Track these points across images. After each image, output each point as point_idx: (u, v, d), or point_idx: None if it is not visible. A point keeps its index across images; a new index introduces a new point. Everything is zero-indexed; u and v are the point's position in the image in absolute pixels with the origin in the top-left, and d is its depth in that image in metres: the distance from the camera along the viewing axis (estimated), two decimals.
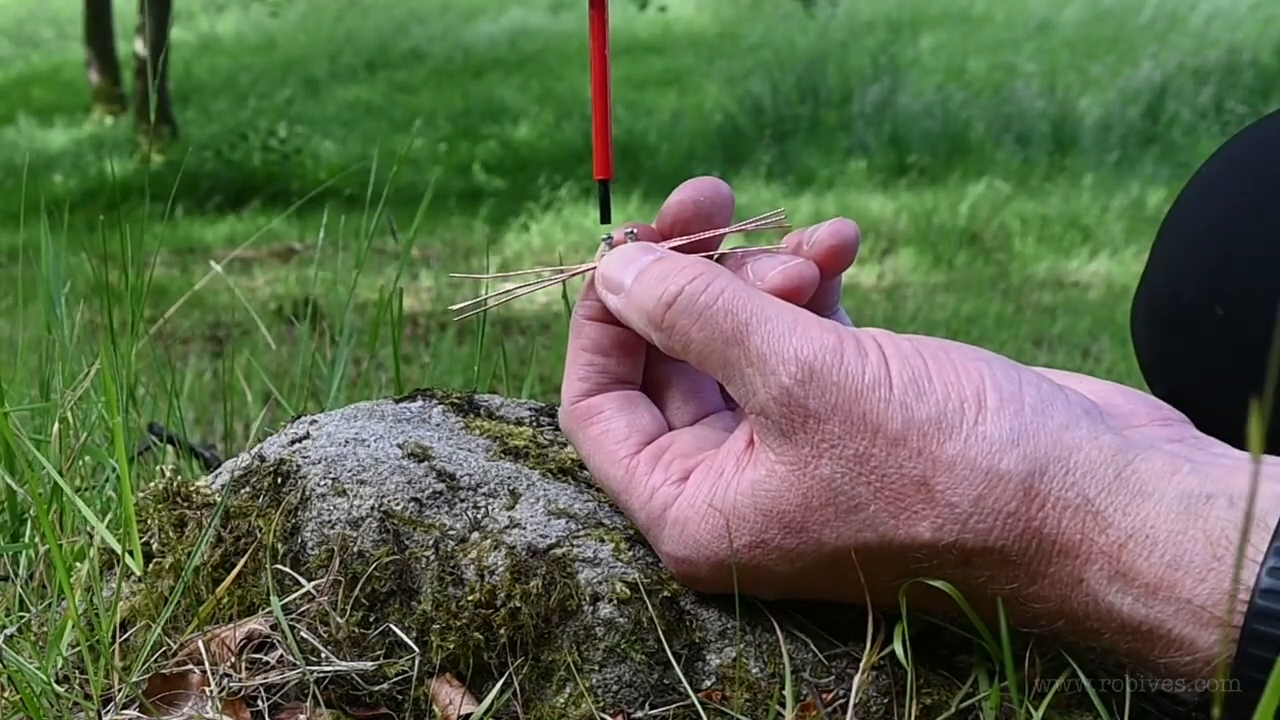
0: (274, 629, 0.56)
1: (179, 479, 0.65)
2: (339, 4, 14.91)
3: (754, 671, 0.55)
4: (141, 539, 0.62)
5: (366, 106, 11.33)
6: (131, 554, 0.61)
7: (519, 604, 0.55)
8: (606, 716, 0.54)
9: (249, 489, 0.62)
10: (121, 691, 0.55)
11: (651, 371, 0.62)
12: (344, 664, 0.55)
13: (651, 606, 0.56)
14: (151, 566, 0.62)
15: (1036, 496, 0.47)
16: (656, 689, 0.55)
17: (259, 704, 0.55)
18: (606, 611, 0.56)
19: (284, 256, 5.91)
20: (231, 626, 0.57)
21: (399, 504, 0.59)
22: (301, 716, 0.54)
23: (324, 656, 0.55)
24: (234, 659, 0.56)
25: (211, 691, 0.55)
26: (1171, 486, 0.46)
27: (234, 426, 1.26)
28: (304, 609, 0.57)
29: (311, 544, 0.58)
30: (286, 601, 0.57)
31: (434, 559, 0.57)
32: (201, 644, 0.56)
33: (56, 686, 0.55)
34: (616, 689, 0.55)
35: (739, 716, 0.54)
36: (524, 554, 0.57)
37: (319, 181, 7.82)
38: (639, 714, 0.55)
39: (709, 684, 0.55)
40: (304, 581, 0.57)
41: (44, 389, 0.98)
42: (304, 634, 0.56)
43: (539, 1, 14.38)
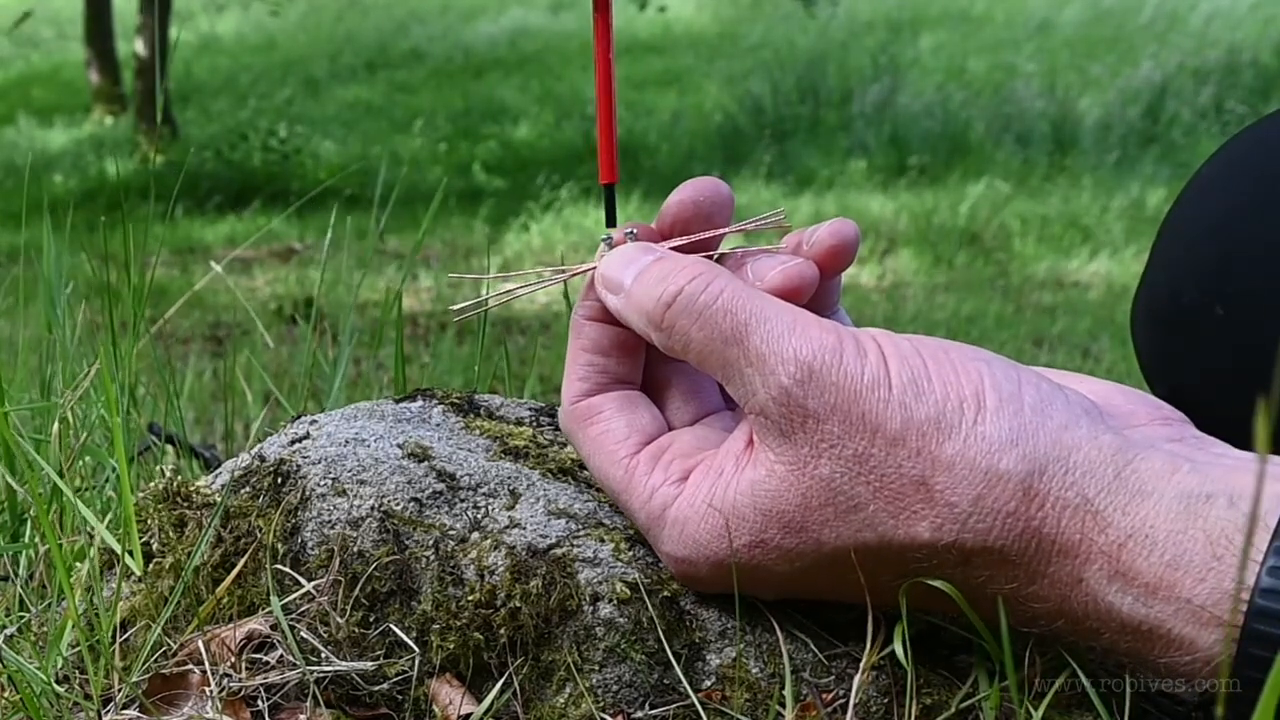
0: (274, 629, 0.56)
1: (179, 479, 0.65)
2: (339, 4, 14.91)
3: (754, 671, 0.55)
4: (141, 539, 0.62)
5: (366, 106, 11.33)
6: (131, 554, 0.61)
7: (519, 604, 0.55)
8: (606, 716, 0.54)
9: (249, 489, 0.62)
10: (121, 691, 0.55)
11: (651, 371, 0.62)
12: (344, 664, 0.55)
13: (651, 606, 0.56)
14: (151, 566, 0.62)
15: (1036, 496, 0.47)
16: (656, 689, 0.55)
17: (259, 704, 0.55)
18: (606, 611, 0.56)
19: (284, 256, 5.91)
20: (231, 626, 0.57)
21: (399, 504, 0.59)
22: (301, 716, 0.54)
23: (324, 656, 0.55)
24: (234, 659, 0.56)
25: (211, 691, 0.55)
26: (1171, 486, 0.46)
27: (234, 426, 1.26)
28: (304, 609, 0.57)
29: (311, 544, 0.58)
30: (286, 601, 0.57)
31: (434, 559, 0.57)
32: (201, 644, 0.56)
33: (56, 686, 0.55)
34: (616, 689, 0.55)
35: (739, 716, 0.54)
36: (524, 554, 0.57)
37: (319, 181, 7.82)
38: (639, 714, 0.55)
39: (709, 684, 0.55)
40: (304, 581, 0.57)
41: (44, 389, 0.98)
42: (304, 634, 0.56)
43: (539, 1, 14.37)
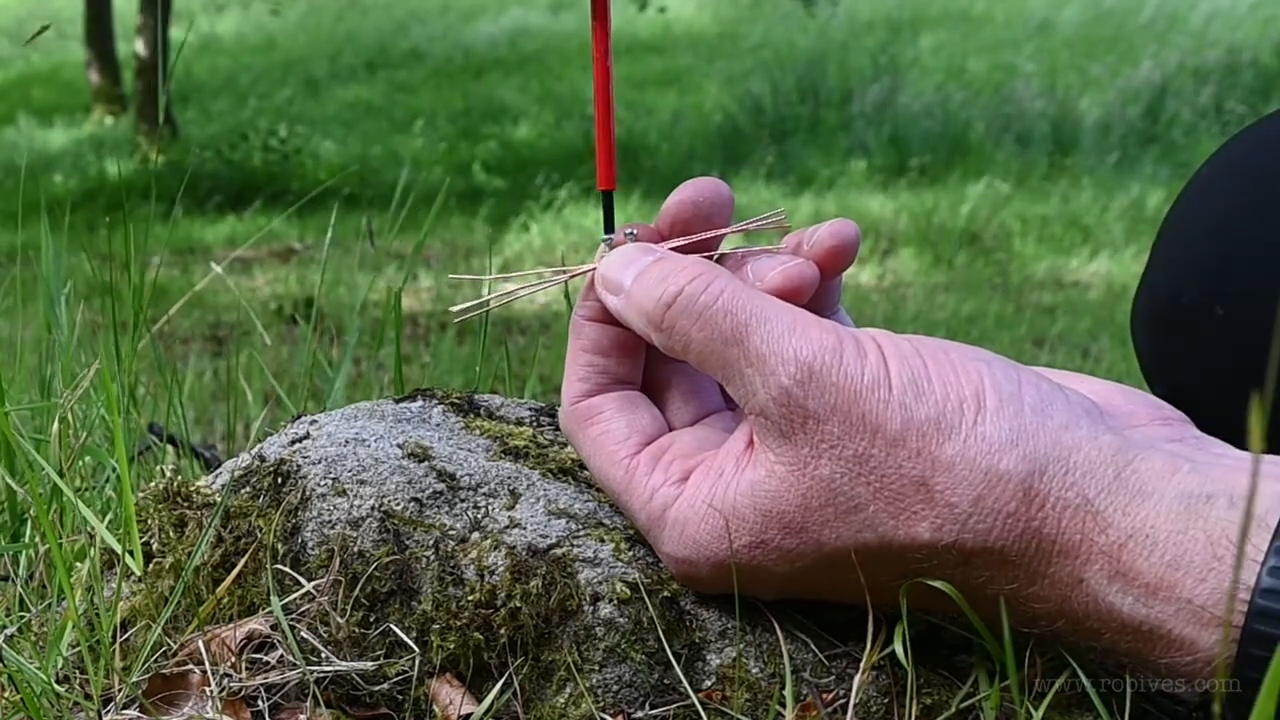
0: (274, 629, 0.56)
1: (179, 479, 0.65)
2: (339, 4, 14.91)
3: (754, 671, 0.55)
4: (141, 539, 0.62)
5: (366, 106, 11.33)
6: (131, 554, 0.61)
7: (519, 604, 0.55)
8: (606, 716, 0.54)
9: (249, 489, 0.62)
10: (121, 691, 0.55)
11: (651, 372, 0.62)
12: (344, 664, 0.55)
13: (651, 606, 0.56)
14: (151, 566, 0.62)
15: (1036, 497, 0.47)
16: (656, 689, 0.55)
17: (259, 704, 0.55)
18: (606, 611, 0.56)
19: (284, 256, 5.90)
20: (231, 626, 0.57)
21: (399, 504, 0.59)
22: (301, 716, 0.54)
23: (324, 656, 0.55)
24: (234, 659, 0.56)
25: (211, 691, 0.55)
26: (1171, 486, 0.46)
27: (234, 426, 1.26)
28: (304, 609, 0.57)
29: (311, 544, 0.58)
30: (286, 601, 0.57)
31: (434, 559, 0.57)
32: (201, 644, 0.56)
33: (56, 686, 0.55)
34: (616, 689, 0.55)
35: (739, 716, 0.54)
36: (524, 554, 0.57)
37: (319, 181, 7.82)
38: (639, 714, 0.55)
39: (709, 684, 0.55)
40: (304, 581, 0.57)
41: (44, 389, 0.98)
42: (304, 634, 0.56)
43: (539, 1, 14.37)
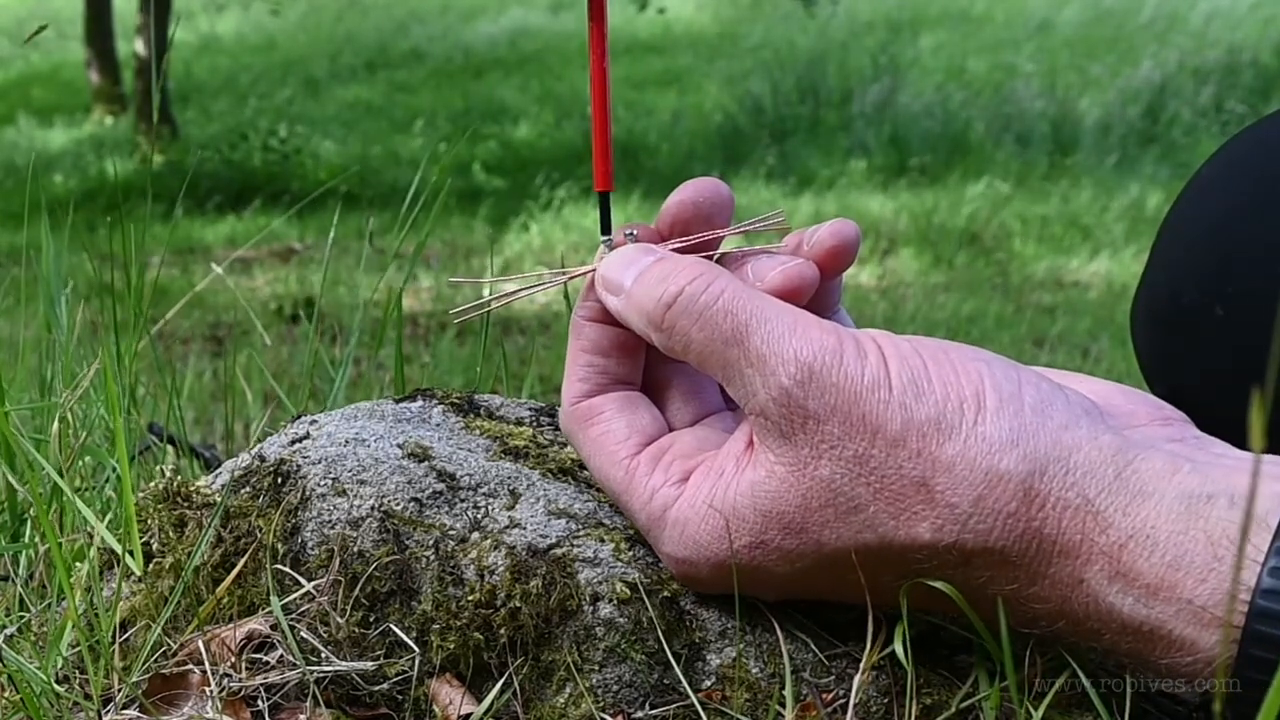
0: (274, 629, 0.56)
1: (179, 479, 0.65)
2: (339, 4, 14.91)
3: (754, 671, 0.55)
4: (141, 539, 0.62)
5: (366, 106, 11.32)
6: (131, 554, 0.61)
7: (519, 604, 0.55)
8: (606, 716, 0.54)
9: (249, 489, 0.62)
10: (121, 691, 0.55)
11: (651, 372, 0.62)
12: (344, 664, 0.55)
13: (651, 606, 0.56)
14: (151, 566, 0.62)
15: (1036, 497, 0.47)
16: (656, 689, 0.55)
17: (259, 704, 0.55)
18: (606, 611, 0.56)
19: (284, 256, 5.90)
20: (231, 626, 0.57)
21: (399, 504, 0.59)
22: (301, 716, 0.54)
23: (324, 656, 0.55)
24: (234, 659, 0.56)
25: (211, 691, 0.55)
26: (1172, 486, 0.46)
27: (234, 426, 1.26)
28: (304, 609, 0.57)
29: (311, 544, 0.58)
30: (286, 601, 0.57)
31: (434, 559, 0.57)
32: (201, 644, 0.56)
33: (56, 686, 0.55)
34: (616, 689, 0.55)
35: (739, 716, 0.54)
36: (524, 554, 0.57)
37: (319, 181, 7.82)
38: (639, 714, 0.55)
39: (709, 684, 0.55)
40: (304, 581, 0.57)
41: (44, 389, 0.98)
42: (304, 634, 0.56)
43: (539, 1, 14.37)
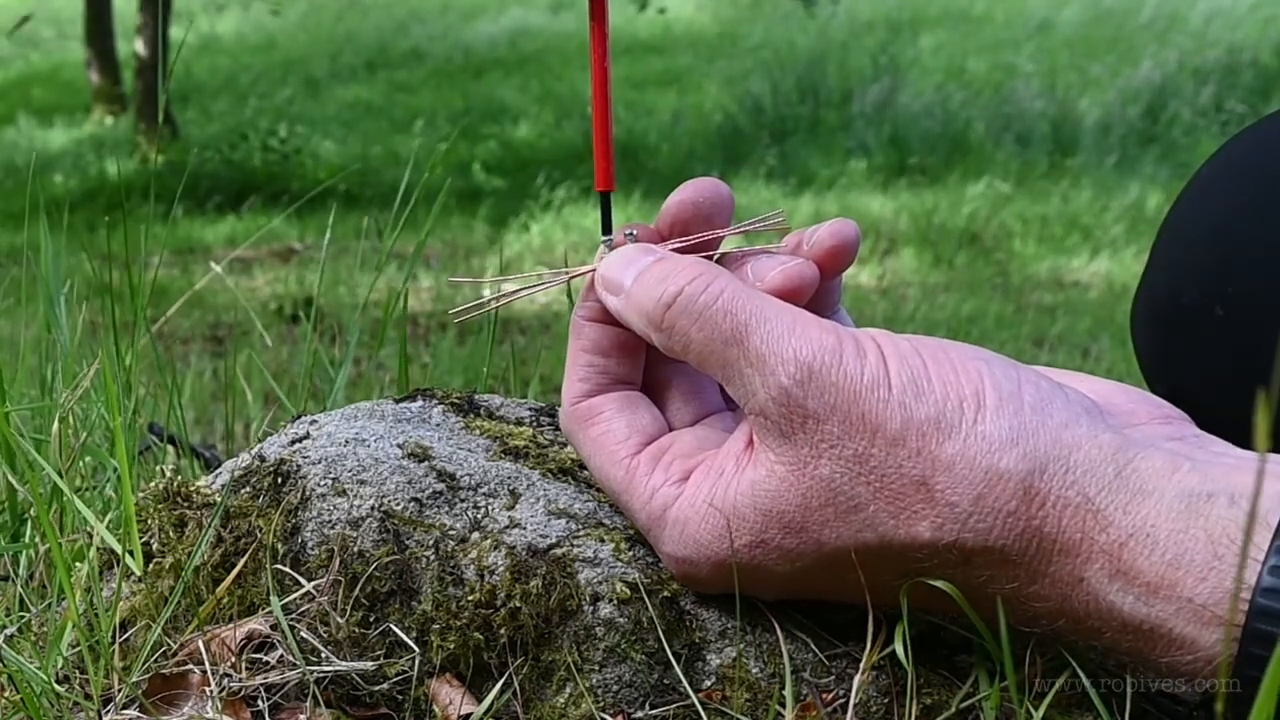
0: (274, 629, 0.56)
1: (179, 479, 0.65)
2: (339, 4, 14.90)
3: (754, 671, 0.55)
4: (141, 539, 0.62)
5: (366, 106, 11.32)
6: (131, 554, 0.61)
7: (519, 604, 0.55)
8: (606, 716, 0.54)
9: (249, 489, 0.62)
10: (121, 691, 0.55)
11: (652, 372, 0.62)
12: (344, 664, 0.55)
13: (651, 606, 0.56)
14: (151, 566, 0.62)
15: (1036, 495, 0.47)
16: (656, 689, 0.55)
17: (259, 704, 0.55)
18: (606, 611, 0.56)
19: (284, 256, 5.90)
20: (231, 626, 0.57)
21: (399, 504, 0.59)
22: (301, 716, 0.54)
23: (324, 656, 0.55)
24: (234, 659, 0.56)
25: (211, 691, 0.55)
26: (1172, 485, 0.46)
27: (234, 426, 1.26)
28: (304, 609, 0.57)
29: (311, 544, 0.58)
30: (286, 601, 0.57)
31: (434, 559, 0.57)
32: (201, 644, 0.56)
33: (56, 686, 0.55)
34: (616, 689, 0.55)
35: (739, 716, 0.54)
36: (524, 554, 0.57)
37: (319, 182, 7.81)
38: (639, 714, 0.55)
39: (709, 684, 0.55)
40: (304, 581, 0.57)
41: (44, 389, 0.98)
42: (304, 634, 0.56)
43: (539, 1, 14.37)
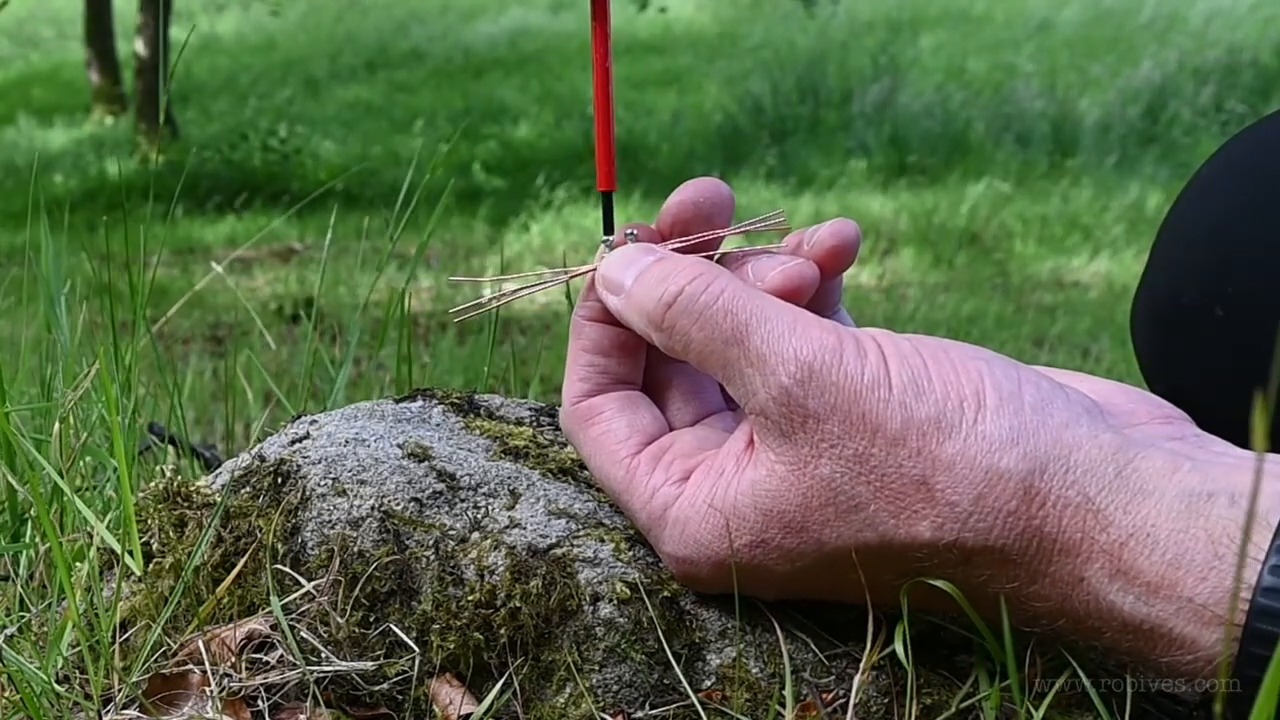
0: (274, 629, 0.56)
1: (179, 479, 0.65)
2: (339, 4, 14.91)
3: (754, 671, 0.55)
4: (141, 539, 0.62)
5: (366, 106, 11.32)
6: (131, 554, 0.61)
7: (519, 604, 0.55)
8: (606, 716, 0.54)
9: (249, 489, 0.62)
10: (121, 691, 0.55)
11: (652, 372, 0.62)
12: (344, 664, 0.55)
13: (651, 606, 0.56)
14: (151, 566, 0.62)
15: (1037, 495, 0.47)
16: (656, 689, 0.55)
17: (259, 704, 0.55)
18: (606, 611, 0.56)
19: (284, 256, 5.90)
20: (231, 626, 0.57)
21: (399, 504, 0.59)
22: (301, 716, 0.54)
23: (324, 656, 0.55)
24: (234, 659, 0.56)
25: (211, 691, 0.55)
26: (1172, 485, 0.46)
27: (234, 426, 1.26)
28: (304, 609, 0.57)
29: (311, 544, 0.58)
30: (286, 601, 0.57)
31: (434, 559, 0.57)
32: (201, 644, 0.56)
33: (56, 686, 0.55)
34: (616, 689, 0.55)
35: (739, 716, 0.54)
36: (524, 554, 0.57)
37: (319, 181, 7.82)
38: (639, 714, 0.55)
39: (709, 684, 0.55)
40: (304, 581, 0.57)
41: (44, 389, 0.98)
42: (304, 634, 0.56)
43: (539, 1, 14.37)
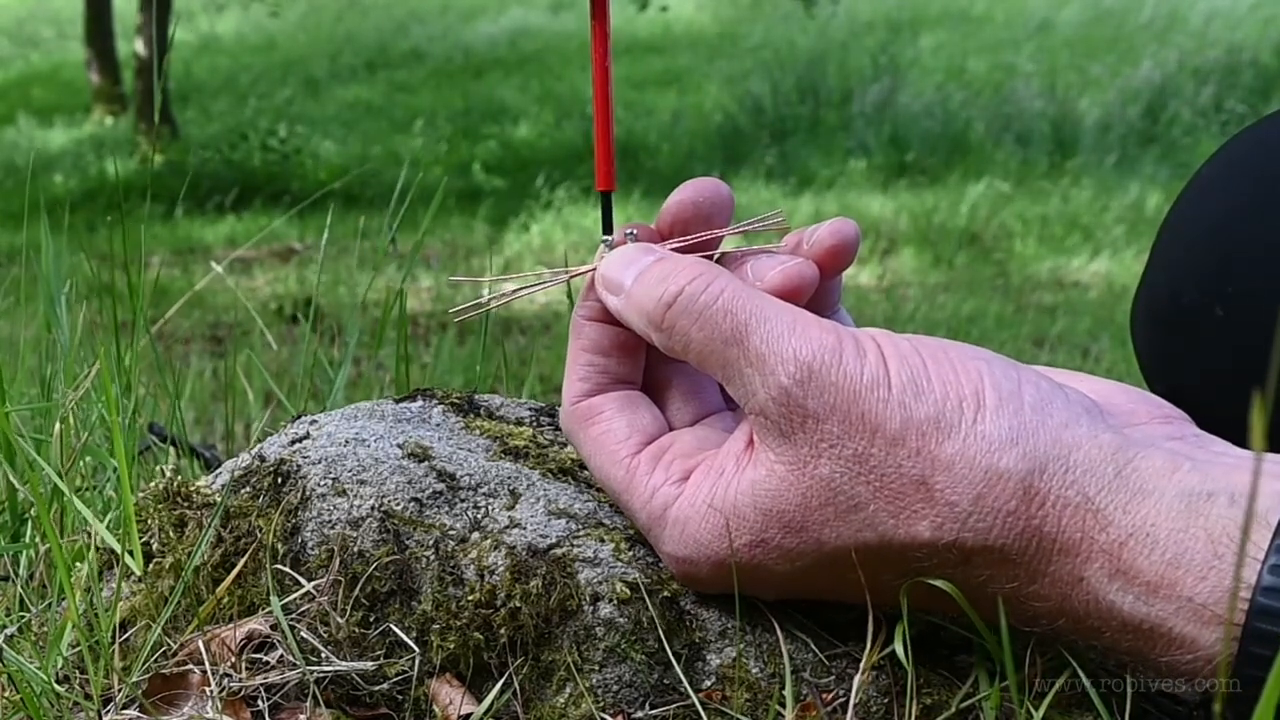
0: (274, 629, 0.56)
1: (179, 479, 0.65)
2: (339, 4, 14.91)
3: (754, 671, 0.55)
4: (141, 539, 0.62)
5: (366, 106, 11.32)
6: (131, 554, 0.61)
7: (519, 604, 0.55)
8: (606, 716, 0.54)
9: (249, 489, 0.62)
10: (121, 691, 0.55)
11: (652, 372, 0.62)
12: (344, 664, 0.55)
13: (651, 606, 0.56)
14: (151, 566, 0.62)
15: (1036, 495, 0.47)
16: (656, 689, 0.55)
17: (259, 704, 0.55)
18: (606, 611, 0.56)
19: (284, 256, 5.90)
20: (231, 626, 0.57)
21: (399, 504, 0.59)
22: (301, 716, 0.54)
23: (324, 656, 0.55)
24: (234, 659, 0.56)
25: (211, 691, 0.55)
26: (1172, 484, 0.46)
27: (234, 426, 1.26)
28: (304, 609, 0.57)
29: (311, 544, 0.58)
30: (286, 601, 0.57)
31: (434, 559, 0.57)
32: (201, 644, 0.56)
33: (56, 686, 0.55)
34: (616, 689, 0.55)
35: (739, 716, 0.54)
36: (524, 554, 0.57)
37: (319, 181, 7.82)
38: (639, 714, 0.55)
39: (709, 684, 0.55)
40: (304, 581, 0.57)
41: (44, 389, 0.98)
42: (304, 634, 0.56)
43: (539, 1, 14.37)
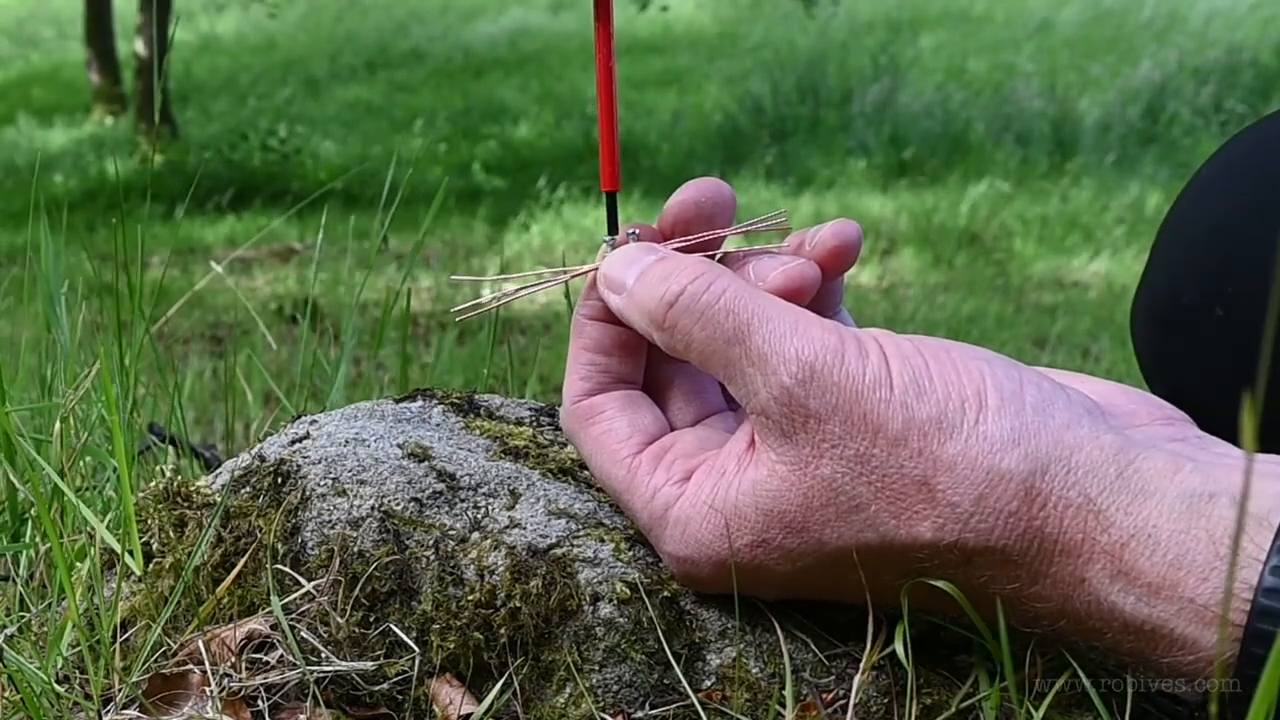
0: (274, 629, 0.56)
1: (179, 479, 0.65)
2: (339, 4, 14.91)
3: (754, 671, 0.55)
4: (141, 539, 0.62)
5: (366, 106, 11.32)
6: (131, 554, 0.61)
7: (519, 604, 0.55)
8: (606, 716, 0.54)
9: (249, 489, 0.62)
10: (121, 691, 0.55)
11: (653, 372, 0.62)
12: (344, 664, 0.55)
13: (651, 606, 0.56)
14: (151, 566, 0.62)
15: (1038, 496, 0.47)
16: (656, 689, 0.55)
17: (259, 704, 0.55)
18: (606, 611, 0.56)
19: (284, 256, 5.90)
20: (231, 626, 0.57)
21: (399, 504, 0.59)
22: (301, 716, 0.54)
23: (324, 656, 0.55)
24: (234, 659, 0.56)
25: (211, 691, 0.54)
26: (1174, 485, 0.46)
27: (234, 426, 1.26)
28: (304, 609, 0.57)
29: (311, 544, 0.58)
30: (286, 601, 0.57)
31: (434, 559, 0.57)
32: (201, 644, 0.56)
33: (56, 686, 0.55)
34: (616, 689, 0.55)
35: (739, 716, 0.54)
36: (524, 554, 0.57)
37: (319, 181, 7.82)
38: (639, 714, 0.55)
39: (709, 684, 0.55)
40: (304, 581, 0.57)
41: (44, 389, 0.98)
42: (304, 634, 0.56)
43: (539, 1, 14.37)
